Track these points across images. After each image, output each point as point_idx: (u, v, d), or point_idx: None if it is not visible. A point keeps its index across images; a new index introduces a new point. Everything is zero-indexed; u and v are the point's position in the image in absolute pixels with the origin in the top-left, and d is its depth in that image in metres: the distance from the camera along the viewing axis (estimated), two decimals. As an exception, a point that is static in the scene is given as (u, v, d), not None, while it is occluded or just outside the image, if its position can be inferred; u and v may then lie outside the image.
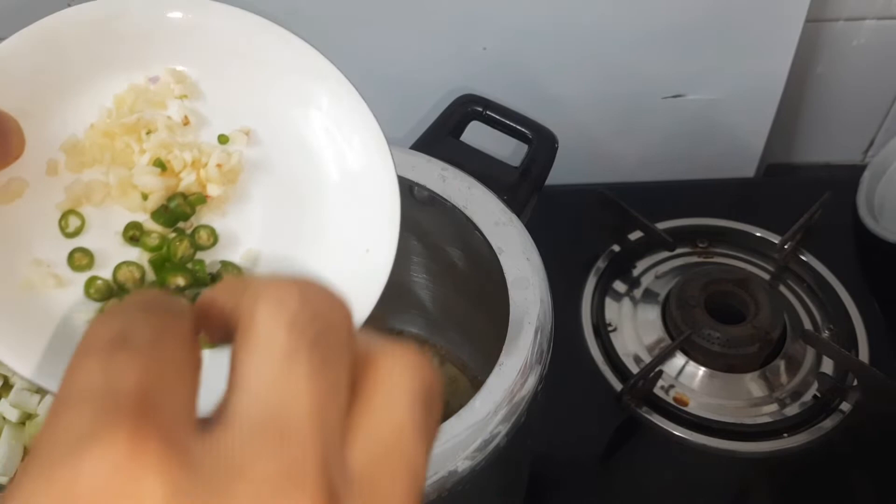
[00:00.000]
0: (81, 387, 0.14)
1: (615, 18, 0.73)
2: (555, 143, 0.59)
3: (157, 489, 0.13)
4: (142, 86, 0.30)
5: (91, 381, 0.14)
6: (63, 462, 0.13)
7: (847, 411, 0.65)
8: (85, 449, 0.13)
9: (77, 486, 0.13)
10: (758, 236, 0.78)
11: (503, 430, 0.40)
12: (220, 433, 0.14)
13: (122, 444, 0.13)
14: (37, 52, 0.28)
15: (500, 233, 0.48)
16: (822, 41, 0.80)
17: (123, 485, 0.13)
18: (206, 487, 0.13)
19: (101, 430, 0.13)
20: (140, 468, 0.13)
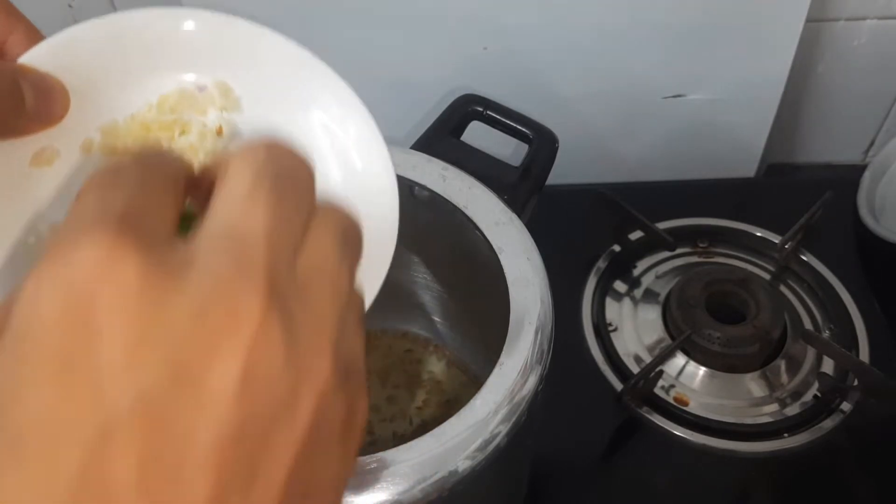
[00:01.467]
0: (78, 212, 0.18)
1: (615, 18, 0.73)
2: (555, 143, 0.59)
3: (130, 275, 0.16)
4: (189, 91, 0.31)
5: (86, 207, 0.18)
6: (58, 258, 0.17)
7: (847, 411, 0.65)
8: (75, 247, 0.17)
9: (68, 273, 0.17)
10: (758, 236, 0.78)
11: (503, 429, 0.40)
12: (188, 244, 0.18)
13: (106, 243, 0.17)
14: (102, 40, 0.29)
15: (500, 233, 0.48)
16: (823, 41, 0.80)
17: (105, 271, 0.16)
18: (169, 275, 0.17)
19: (89, 233, 0.17)
20: (118, 259, 0.17)
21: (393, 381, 0.62)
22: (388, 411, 0.60)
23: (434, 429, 0.39)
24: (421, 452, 0.38)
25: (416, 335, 0.65)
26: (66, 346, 0.16)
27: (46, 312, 0.16)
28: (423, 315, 0.63)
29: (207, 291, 0.17)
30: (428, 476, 0.38)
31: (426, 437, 0.39)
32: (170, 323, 0.17)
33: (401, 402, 0.61)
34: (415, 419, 0.60)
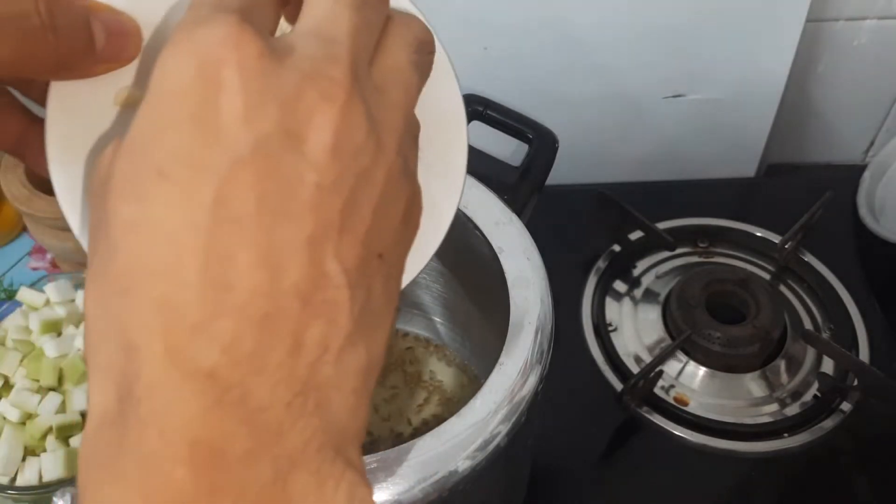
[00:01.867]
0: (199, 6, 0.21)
1: (615, 18, 0.73)
2: (555, 143, 0.59)
3: (251, 49, 0.20)
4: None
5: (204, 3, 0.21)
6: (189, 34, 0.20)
7: (847, 411, 0.65)
8: (205, 26, 0.20)
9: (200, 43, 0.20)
10: (758, 236, 0.78)
11: (504, 429, 0.40)
12: (289, 35, 0.22)
13: (232, 23, 0.20)
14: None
15: (500, 233, 0.48)
16: (823, 41, 0.80)
17: (231, 44, 0.20)
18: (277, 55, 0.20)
19: (216, 17, 0.20)
20: (242, 36, 0.20)
21: (393, 380, 0.62)
22: (387, 411, 0.60)
23: (434, 429, 0.39)
24: (421, 452, 0.38)
25: (416, 335, 0.65)
26: (200, 98, 0.19)
27: (182, 72, 0.20)
28: (423, 315, 0.63)
29: (304, 72, 0.20)
30: (428, 476, 0.38)
31: (426, 437, 0.39)
32: (279, 90, 0.20)
33: (400, 402, 0.61)
34: (415, 419, 0.60)
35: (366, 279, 0.21)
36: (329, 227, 0.20)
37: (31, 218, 0.69)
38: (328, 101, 0.20)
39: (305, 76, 0.20)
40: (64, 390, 0.60)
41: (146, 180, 0.19)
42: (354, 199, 0.21)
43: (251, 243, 0.19)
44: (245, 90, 0.20)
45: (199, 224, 0.19)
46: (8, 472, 0.57)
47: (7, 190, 0.67)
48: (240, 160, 0.19)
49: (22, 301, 0.66)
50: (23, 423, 0.59)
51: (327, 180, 0.20)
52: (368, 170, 0.21)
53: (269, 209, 0.19)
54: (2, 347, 0.62)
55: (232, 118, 0.19)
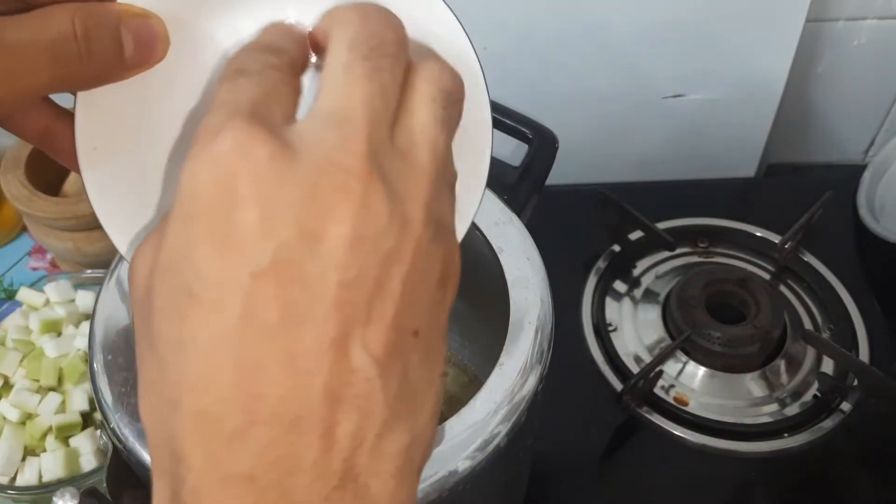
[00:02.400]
0: (218, 102, 0.22)
1: (615, 18, 0.73)
2: (555, 143, 0.59)
3: (262, 154, 0.20)
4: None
5: (222, 99, 0.22)
6: (205, 146, 0.21)
7: (847, 411, 0.65)
8: (218, 136, 0.20)
9: (214, 156, 0.20)
10: (758, 236, 0.78)
11: (503, 429, 0.40)
12: (301, 122, 0.22)
13: (242, 130, 0.20)
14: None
15: (500, 233, 0.48)
16: (823, 41, 0.80)
17: (243, 153, 0.20)
18: (290, 154, 0.20)
19: (227, 123, 0.21)
20: (253, 143, 0.20)
21: (393, 381, 0.62)
22: (387, 411, 0.60)
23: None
24: (421, 452, 0.38)
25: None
26: (218, 214, 0.20)
27: (200, 189, 0.20)
28: (423, 315, 0.63)
29: (317, 166, 0.20)
30: (428, 476, 0.38)
31: (426, 437, 0.39)
32: (293, 192, 0.20)
33: (401, 402, 0.61)
34: (415, 419, 0.60)
35: (400, 361, 0.21)
36: (354, 322, 0.20)
37: (31, 218, 0.69)
38: (344, 194, 0.20)
39: (319, 170, 0.20)
40: (64, 390, 0.60)
41: (181, 301, 0.20)
42: (381, 286, 0.21)
43: (278, 352, 0.20)
44: (259, 200, 0.20)
45: (229, 339, 0.20)
46: (8, 472, 0.57)
47: (7, 190, 0.67)
48: (260, 273, 0.20)
49: (22, 301, 0.66)
50: (23, 423, 0.59)
51: (350, 276, 0.20)
52: (394, 251, 0.21)
53: (292, 316, 0.20)
54: (2, 347, 0.62)
55: (249, 231, 0.20)
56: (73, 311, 0.65)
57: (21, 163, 0.68)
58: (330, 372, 0.20)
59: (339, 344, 0.20)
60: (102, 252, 0.69)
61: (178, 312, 0.21)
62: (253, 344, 0.20)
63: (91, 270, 0.68)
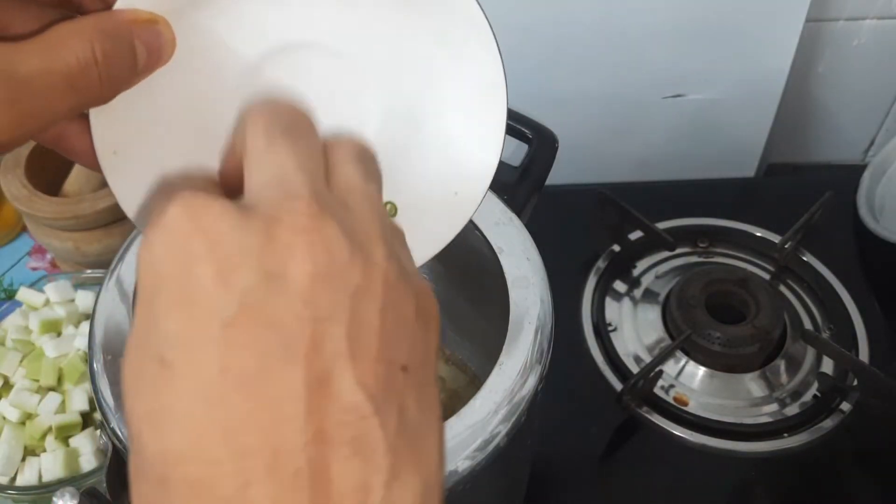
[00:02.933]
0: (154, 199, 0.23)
1: (615, 18, 0.73)
2: (555, 143, 0.59)
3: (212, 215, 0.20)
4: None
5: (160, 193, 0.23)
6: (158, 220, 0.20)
7: (847, 411, 0.65)
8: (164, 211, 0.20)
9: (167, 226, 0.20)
10: (758, 236, 0.78)
11: (503, 429, 0.40)
12: (244, 196, 0.22)
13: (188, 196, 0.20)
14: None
15: (500, 233, 0.48)
16: (823, 41, 0.80)
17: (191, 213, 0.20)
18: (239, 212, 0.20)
19: (171, 199, 0.20)
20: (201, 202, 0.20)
21: (393, 381, 0.62)
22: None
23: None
24: (421, 452, 0.38)
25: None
26: (177, 277, 0.20)
27: (156, 261, 0.20)
28: (422, 315, 0.63)
29: (269, 217, 0.20)
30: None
31: (426, 437, 0.39)
32: (249, 244, 0.20)
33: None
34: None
35: (395, 398, 0.20)
36: (338, 358, 0.20)
37: (31, 218, 0.69)
38: (300, 233, 0.20)
39: (271, 219, 0.20)
40: (63, 390, 0.60)
41: (152, 373, 0.20)
42: (357, 319, 0.20)
43: (263, 402, 0.19)
44: (215, 254, 0.20)
45: (210, 398, 0.19)
46: (8, 472, 0.57)
47: (7, 190, 0.67)
48: (230, 322, 0.19)
49: (22, 301, 0.66)
50: (23, 423, 0.59)
51: (322, 311, 0.20)
52: (363, 285, 0.21)
53: (271, 360, 0.19)
54: (2, 347, 0.62)
55: (210, 284, 0.19)
56: (73, 311, 0.65)
57: (21, 163, 0.68)
58: (322, 414, 0.19)
59: (325, 381, 0.19)
60: (102, 252, 0.69)
61: (150, 386, 0.20)
62: (235, 397, 0.19)
63: (91, 270, 0.69)
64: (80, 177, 0.68)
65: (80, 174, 0.68)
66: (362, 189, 0.23)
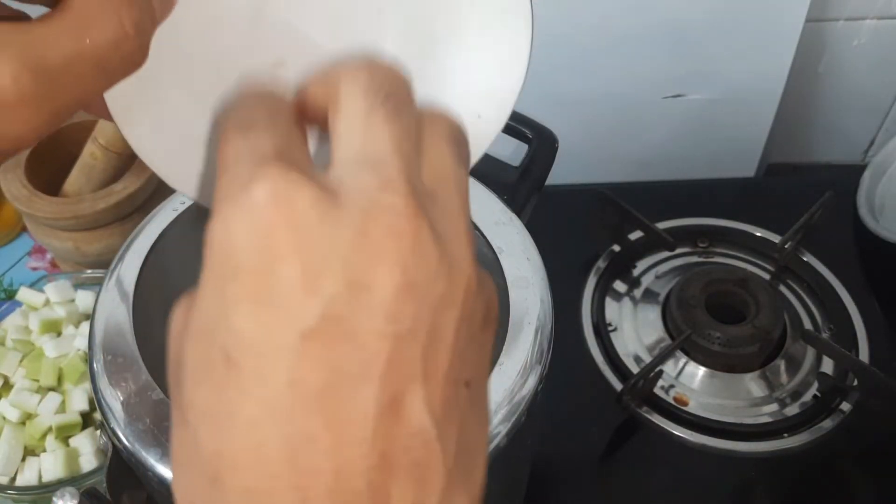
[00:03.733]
0: (235, 155, 0.20)
1: (615, 18, 0.73)
2: (555, 143, 0.59)
3: (304, 202, 0.18)
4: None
5: (240, 150, 0.20)
6: (237, 198, 0.19)
7: (847, 411, 0.65)
8: (251, 186, 0.19)
9: (250, 207, 0.18)
10: (758, 236, 0.78)
11: (503, 430, 0.40)
12: (331, 170, 0.20)
13: (278, 177, 0.19)
14: None
15: (500, 233, 0.48)
16: (823, 41, 0.80)
17: (282, 201, 0.18)
18: (331, 199, 0.19)
19: (259, 171, 0.19)
20: (292, 189, 0.18)
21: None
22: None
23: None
24: (421, 452, 0.38)
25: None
26: (257, 271, 0.18)
27: (237, 245, 0.18)
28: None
29: (363, 209, 0.19)
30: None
31: (426, 437, 0.39)
32: (339, 242, 0.18)
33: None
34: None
35: (457, 417, 0.20)
36: (411, 379, 0.19)
37: (31, 218, 0.69)
38: (395, 238, 0.19)
39: (365, 213, 0.19)
40: (64, 390, 0.60)
41: (217, 369, 0.19)
42: (435, 336, 0.19)
43: (331, 420, 0.18)
44: (302, 252, 0.18)
45: (276, 409, 0.18)
46: (8, 472, 0.57)
47: (7, 190, 0.67)
48: (308, 333, 0.18)
49: (22, 301, 0.66)
50: (23, 423, 0.59)
51: (404, 327, 0.19)
52: (446, 295, 0.19)
53: (344, 378, 0.18)
54: (2, 347, 0.62)
55: (292, 288, 0.18)
56: (73, 311, 0.65)
57: (21, 163, 0.68)
58: (388, 438, 0.18)
59: (397, 405, 0.19)
60: (102, 252, 0.69)
61: (213, 381, 0.19)
62: (302, 413, 0.18)
63: (91, 270, 0.69)
64: (80, 177, 0.69)
65: (80, 174, 0.68)
66: (454, 177, 0.22)
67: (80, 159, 0.68)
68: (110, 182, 0.68)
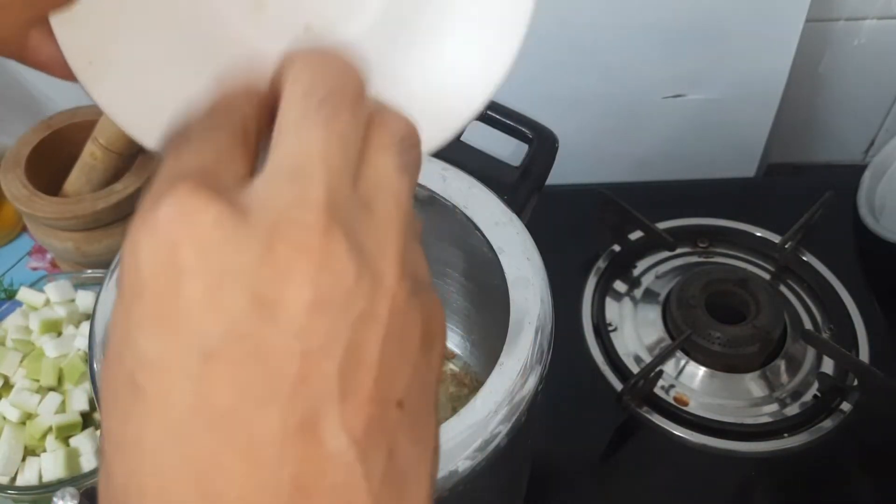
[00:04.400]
0: (161, 173, 0.20)
1: (615, 18, 0.73)
2: (555, 143, 0.59)
3: (205, 221, 0.18)
4: None
5: (166, 169, 0.20)
6: (147, 217, 0.18)
7: (847, 411, 0.65)
8: (159, 205, 0.18)
9: (155, 227, 0.18)
10: (758, 236, 0.78)
11: (503, 430, 0.40)
12: (254, 182, 0.20)
13: (183, 197, 0.18)
14: None
15: (500, 233, 0.48)
16: (823, 41, 0.80)
17: (184, 221, 0.18)
18: (238, 217, 0.18)
19: (169, 189, 0.18)
20: (194, 209, 0.18)
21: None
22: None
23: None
24: (421, 452, 0.38)
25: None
26: (160, 290, 0.18)
27: (141, 261, 0.18)
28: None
29: (271, 225, 0.18)
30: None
31: (426, 437, 0.39)
32: (244, 259, 0.18)
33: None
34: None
35: (384, 440, 0.19)
36: (326, 398, 0.18)
37: (31, 218, 0.69)
38: (302, 253, 0.18)
39: (272, 229, 0.18)
40: (64, 390, 0.60)
41: (124, 394, 0.18)
42: (354, 354, 0.18)
43: (237, 444, 0.17)
44: (205, 270, 0.18)
45: (180, 435, 0.18)
46: (8, 472, 0.57)
47: (7, 190, 0.67)
48: (210, 354, 0.18)
49: (22, 301, 0.66)
50: (23, 423, 0.59)
51: (315, 344, 0.18)
52: (366, 312, 0.19)
53: (251, 399, 0.18)
54: (2, 347, 0.62)
55: (195, 306, 0.18)
56: (73, 311, 0.65)
57: (21, 163, 0.68)
58: (300, 460, 0.17)
59: (309, 426, 0.18)
60: (102, 252, 0.69)
61: (121, 408, 0.18)
62: (208, 437, 0.17)
63: (91, 270, 0.68)
64: (80, 177, 0.68)
65: (80, 174, 0.68)
66: (393, 188, 0.21)
67: (80, 159, 0.68)
68: (110, 182, 0.68)
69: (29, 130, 0.70)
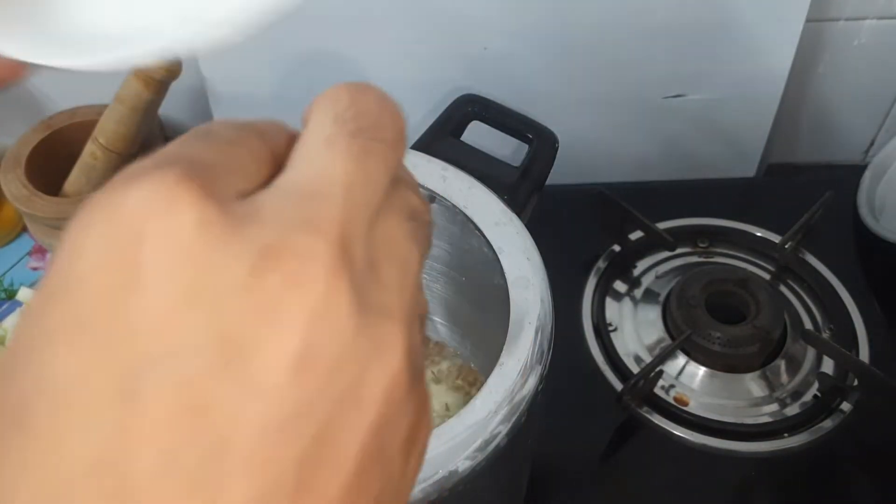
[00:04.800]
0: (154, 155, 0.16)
1: (615, 18, 0.73)
2: (555, 143, 0.59)
3: (186, 220, 0.14)
4: None
5: (168, 148, 0.16)
6: (113, 194, 0.14)
7: (847, 411, 0.65)
8: (134, 184, 0.14)
9: (119, 210, 0.14)
10: (758, 236, 0.78)
11: (503, 430, 0.40)
12: (258, 194, 0.16)
13: (167, 182, 0.14)
14: None
15: (500, 233, 0.48)
16: (823, 41, 0.80)
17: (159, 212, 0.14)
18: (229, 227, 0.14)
19: (153, 170, 0.14)
20: (176, 200, 0.14)
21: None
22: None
23: (434, 429, 0.39)
24: (421, 452, 0.38)
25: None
26: (102, 290, 0.14)
27: (88, 250, 0.14)
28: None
29: (266, 246, 0.14)
30: (428, 476, 0.38)
31: (426, 437, 0.39)
32: (222, 281, 0.14)
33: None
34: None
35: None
36: (273, 494, 0.14)
37: (31, 218, 0.69)
38: (300, 289, 0.14)
39: (267, 251, 0.14)
40: (64, 390, 0.60)
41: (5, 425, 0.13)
42: (326, 441, 0.14)
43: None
44: (169, 279, 0.14)
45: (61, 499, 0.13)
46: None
47: (7, 190, 0.67)
48: (139, 393, 0.13)
49: (22, 301, 0.66)
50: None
51: (281, 414, 0.14)
52: (355, 389, 0.15)
53: (171, 477, 0.13)
54: (2, 347, 0.62)
55: (143, 323, 0.13)
56: (73, 311, 0.65)
57: (21, 163, 0.68)
58: None
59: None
60: (102, 252, 0.69)
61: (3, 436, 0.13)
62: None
63: (91, 270, 0.68)
64: (80, 177, 0.69)
65: (80, 174, 0.68)
66: (405, 255, 0.17)
67: (80, 159, 0.68)
68: (110, 182, 0.68)
69: (29, 130, 0.70)
